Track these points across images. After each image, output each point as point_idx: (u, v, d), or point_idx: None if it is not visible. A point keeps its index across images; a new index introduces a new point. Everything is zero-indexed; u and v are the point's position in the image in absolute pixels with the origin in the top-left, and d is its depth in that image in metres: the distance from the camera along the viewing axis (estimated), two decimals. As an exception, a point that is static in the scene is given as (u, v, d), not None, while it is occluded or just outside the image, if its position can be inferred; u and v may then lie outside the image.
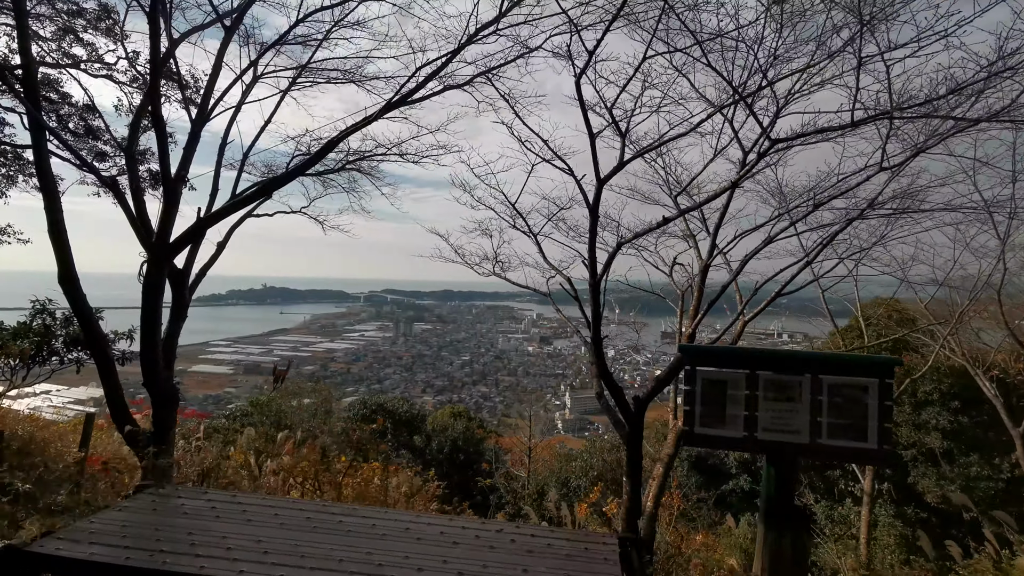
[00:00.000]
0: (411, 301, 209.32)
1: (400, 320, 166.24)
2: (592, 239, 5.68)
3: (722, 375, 2.88)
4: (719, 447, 4.12)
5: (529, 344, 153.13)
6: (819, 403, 2.73)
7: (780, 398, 2.79)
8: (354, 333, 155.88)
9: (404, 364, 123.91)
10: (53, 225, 5.89)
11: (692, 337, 6.53)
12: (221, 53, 6.90)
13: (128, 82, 9.69)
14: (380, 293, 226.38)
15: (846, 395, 2.69)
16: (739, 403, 2.83)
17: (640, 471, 6.07)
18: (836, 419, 2.71)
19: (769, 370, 2.81)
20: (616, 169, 5.57)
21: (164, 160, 6.03)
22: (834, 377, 2.75)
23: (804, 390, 2.77)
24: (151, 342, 6.08)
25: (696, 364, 2.94)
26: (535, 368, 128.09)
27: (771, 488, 2.91)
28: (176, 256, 6.27)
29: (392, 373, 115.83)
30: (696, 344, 4.05)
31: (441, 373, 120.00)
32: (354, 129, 6.14)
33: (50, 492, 4.48)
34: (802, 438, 2.76)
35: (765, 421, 2.80)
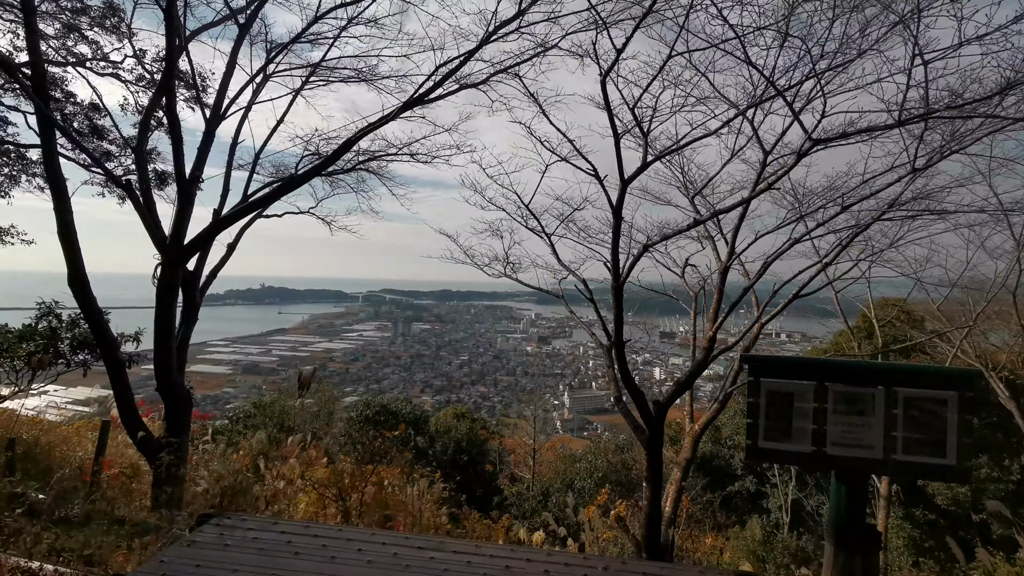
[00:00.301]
0: (409, 301, 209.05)
1: (398, 320, 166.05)
2: (615, 241, 5.58)
3: (788, 386, 2.77)
4: (784, 462, 4.02)
5: (528, 344, 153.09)
6: (894, 417, 2.63)
7: (851, 411, 2.68)
8: (352, 333, 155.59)
9: (402, 364, 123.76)
10: (63, 226, 5.76)
11: (713, 340, 6.43)
12: (235, 51, 6.78)
13: (134, 81, 9.56)
14: (378, 293, 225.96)
15: (923, 408, 2.58)
16: (807, 416, 2.72)
17: (661, 475, 5.98)
18: (912, 434, 2.60)
19: (840, 382, 2.71)
20: (640, 169, 5.46)
21: (179, 160, 5.91)
22: (910, 390, 2.65)
23: (877, 403, 2.67)
24: (165, 345, 5.95)
25: (760, 375, 2.83)
26: (534, 368, 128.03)
27: (841, 506, 2.80)
28: (191, 258, 6.15)
29: (390, 373, 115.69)
30: (760, 354, 3.93)
31: (440, 373, 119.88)
32: (372, 128, 6.03)
33: (64, 501, 4.35)
34: (875, 453, 2.66)
35: (835, 435, 2.70)
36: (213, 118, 6.72)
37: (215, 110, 6.79)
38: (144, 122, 6.94)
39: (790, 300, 7.27)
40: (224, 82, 6.89)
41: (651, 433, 5.91)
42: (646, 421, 5.91)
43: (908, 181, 6.26)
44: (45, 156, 5.80)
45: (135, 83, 9.56)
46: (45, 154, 5.79)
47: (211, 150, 9.88)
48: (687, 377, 6.19)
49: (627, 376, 5.83)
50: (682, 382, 6.18)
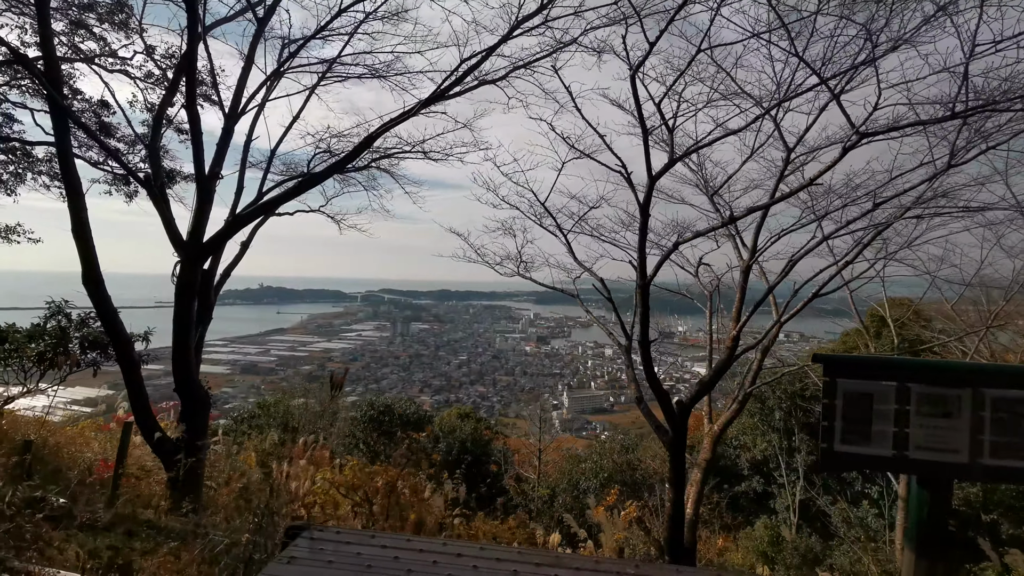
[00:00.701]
0: (408, 301, 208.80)
1: (397, 320, 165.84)
2: (642, 239, 5.49)
3: (867, 387, 2.66)
4: (863, 467, 3.91)
5: (527, 344, 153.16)
6: (981, 419, 2.53)
7: (935, 413, 2.58)
8: (351, 333, 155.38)
9: (401, 364, 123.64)
10: (77, 224, 5.65)
11: (736, 340, 6.34)
12: (253, 45, 6.66)
13: (143, 77, 9.45)
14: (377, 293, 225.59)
15: (1013, 411, 2.49)
16: (887, 419, 2.61)
17: (684, 477, 5.89)
18: (1001, 437, 2.50)
19: (923, 383, 2.60)
20: (668, 166, 5.38)
21: (198, 155, 5.79)
22: (999, 391, 2.55)
23: (964, 405, 2.57)
24: (184, 345, 5.84)
25: (836, 375, 2.73)
26: (532, 368, 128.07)
27: (923, 512, 2.69)
28: (210, 256, 6.04)
29: (389, 373, 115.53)
30: (839, 354, 3.84)
31: (439, 373, 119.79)
32: (393, 124, 5.93)
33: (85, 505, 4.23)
34: (961, 457, 2.55)
35: (918, 439, 2.59)
36: (231, 114, 6.60)
37: (233, 106, 6.68)
38: (158, 118, 6.82)
39: (809, 300, 7.19)
40: (242, 77, 6.78)
41: (674, 434, 5.82)
42: (670, 422, 5.83)
43: (936, 178, 6.18)
44: (60, 153, 5.68)
45: (143, 80, 9.45)
46: (60, 150, 5.67)
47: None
48: (711, 377, 6.11)
49: (652, 376, 5.74)
50: (706, 382, 6.10)
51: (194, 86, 5.68)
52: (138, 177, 5.78)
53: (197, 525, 3.99)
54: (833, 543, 15.26)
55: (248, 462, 9.66)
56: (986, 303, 10.89)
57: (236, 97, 6.67)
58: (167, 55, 9.23)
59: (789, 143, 6.22)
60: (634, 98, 4.98)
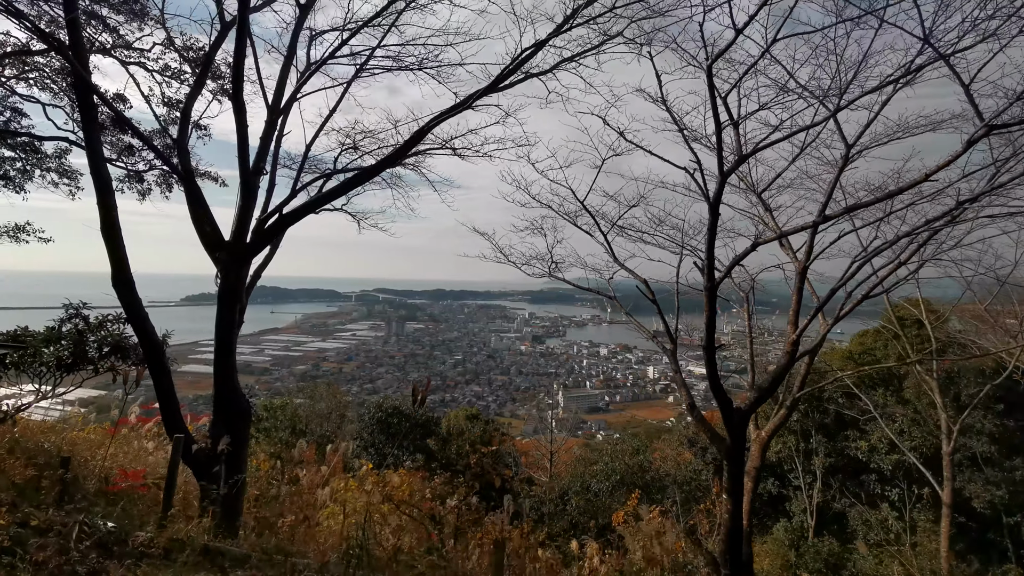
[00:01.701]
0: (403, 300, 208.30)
1: (392, 319, 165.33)
2: (711, 238, 5.23)
3: None
4: None
5: (522, 343, 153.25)
6: None
7: None
8: (346, 332, 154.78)
9: (396, 363, 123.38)
10: (107, 222, 5.31)
11: (796, 344, 6.08)
12: (295, 34, 6.33)
13: (160, 70, 9.10)
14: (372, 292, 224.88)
15: None
16: None
17: (742, 487, 5.65)
18: None
19: None
20: (739, 162, 5.13)
21: (243, 149, 5.45)
22: None
23: None
24: (227, 351, 5.52)
25: None
26: (528, 367, 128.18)
27: None
28: (256, 256, 5.72)
29: (384, 372, 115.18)
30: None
31: (434, 372, 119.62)
32: (444, 116, 5.63)
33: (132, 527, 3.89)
34: None
35: None
36: (274, 106, 6.26)
37: (276, 98, 6.33)
38: (185, 111, 6.48)
39: (860, 300, 6.95)
40: (284, 67, 6.43)
41: (733, 442, 5.57)
42: (728, 429, 5.58)
43: (992, 175, 5.94)
44: (88, 145, 5.34)
45: (160, 73, 9.10)
46: (88, 144, 5.34)
47: (223, 150, 9.37)
48: (770, 383, 5.86)
49: (716, 383, 5.48)
50: (764, 388, 5.85)
51: (241, 74, 5.34)
52: (179, 172, 5.43)
53: (269, 552, 3.66)
54: (852, 546, 15.12)
55: (262, 466, 9.32)
56: (1016, 303, 10.73)
57: (279, 89, 6.33)
58: (186, 47, 8.88)
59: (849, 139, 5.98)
60: (710, 90, 4.72)
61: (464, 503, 6.38)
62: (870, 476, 15.35)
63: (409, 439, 20.54)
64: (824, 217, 4.31)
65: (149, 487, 7.14)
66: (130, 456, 9.85)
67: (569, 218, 8.72)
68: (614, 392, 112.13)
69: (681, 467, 19.66)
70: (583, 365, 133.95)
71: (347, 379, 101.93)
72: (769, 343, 24.72)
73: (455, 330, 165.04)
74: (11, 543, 3.09)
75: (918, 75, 4.87)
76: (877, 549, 14.35)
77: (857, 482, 15.77)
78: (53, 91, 9.74)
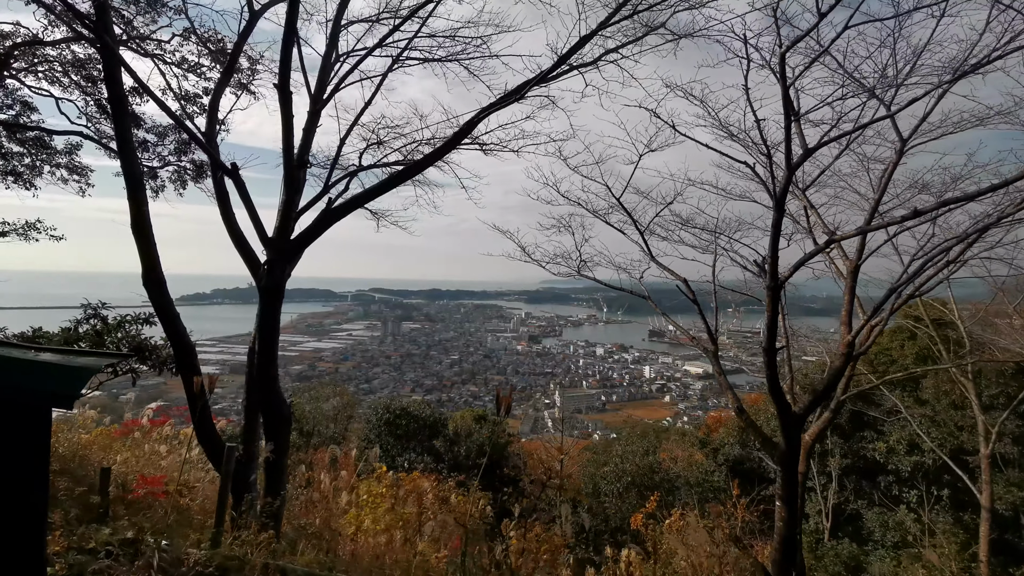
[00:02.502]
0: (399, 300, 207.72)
1: (388, 319, 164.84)
2: (775, 236, 5.02)
3: None
4: None
5: (518, 343, 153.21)
6: None
7: None
8: (341, 332, 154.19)
9: (392, 363, 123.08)
10: (137, 218, 5.05)
11: (851, 347, 5.87)
12: (337, 20, 6.07)
13: (177, 63, 8.82)
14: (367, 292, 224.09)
15: None
16: None
17: (797, 493, 5.44)
18: None
19: None
20: (807, 155, 4.91)
21: (288, 142, 5.17)
22: None
23: None
24: (270, 356, 5.25)
25: None
26: (524, 367, 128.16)
27: None
28: (300, 254, 5.46)
29: (380, 372, 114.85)
30: None
31: (430, 372, 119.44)
32: (491, 109, 5.40)
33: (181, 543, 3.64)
34: None
35: None
36: (317, 97, 5.99)
37: (319, 88, 6.05)
38: (213, 103, 6.22)
39: (905, 300, 6.77)
40: (327, 56, 6.15)
41: (788, 447, 5.37)
42: (784, 434, 5.37)
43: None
44: (119, 136, 5.07)
45: (177, 66, 8.82)
46: (119, 135, 5.06)
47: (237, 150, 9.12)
48: (825, 385, 5.66)
49: (776, 386, 5.27)
50: (820, 391, 5.64)
51: (289, 63, 5.07)
52: (225, 167, 5.13)
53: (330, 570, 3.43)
54: (868, 547, 14.97)
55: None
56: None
57: (321, 79, 6.06)
58: (205, 38, 8.61)
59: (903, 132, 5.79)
60: (781, 78, 4.49)
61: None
62: (887, 477, 15.20)
63: (416, 440, 20.35)
64: (915, 212, 4.10)
65: (169, 494, 6.87)
66: (142, 460, 9.57)
67: (600, 215, 8.52)
68: (610, 392, 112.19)
69: (693, 468, 19.48)
70: (579, 365, 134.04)
71: (343, 379, 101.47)
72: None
73: (451, 330, 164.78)
74: (68, 572, 2.85)
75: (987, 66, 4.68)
76: (895, 551, 14.21)
77: (872, 483, 15.63)
78: (63, 84, 9.45)
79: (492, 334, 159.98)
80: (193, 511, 6.50)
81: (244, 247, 5.92)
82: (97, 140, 8.80)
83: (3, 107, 9.12)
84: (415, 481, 10.41)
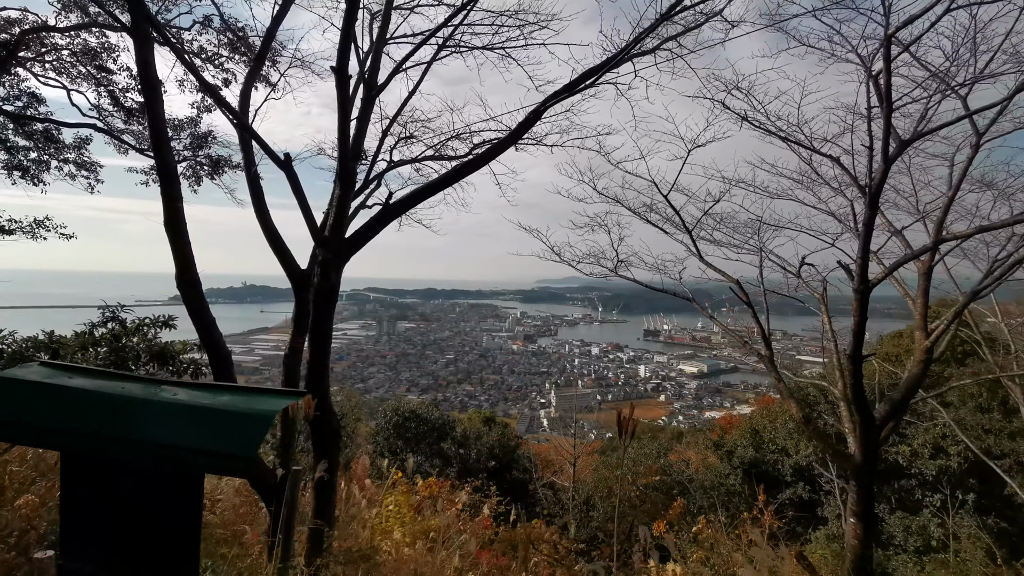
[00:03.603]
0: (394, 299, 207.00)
1: (383, 319, 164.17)
2: (867, 235, 4.68)
3: None
4: None
5: (513, 342, 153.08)
6: None
7: None
8: (336, 332, 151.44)
9: (388, 363, 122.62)
10: (171, 215, 4.64)
11: (930, 351, 5.54)
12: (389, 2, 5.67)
13: (195, 52, 8.40)
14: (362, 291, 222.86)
15: None
16: None
17: (872, 508, 5.12)
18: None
19: None
20: (903, 147, 4.58)
21: (344, 130, 4.74)
22: None
23: None
24: (323, 364, 4.86)
25: None
26: (520, 367, 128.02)
27: None
28: (355, 252, 5.05)
29: (376, 372, 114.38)
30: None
31: (426, 372, 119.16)
32: (555, 99, 5.03)
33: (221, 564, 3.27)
34: None
35: None
36: (370, 82, 5.56)
37: (372, 74, 5.63)
38: (245, 92, 5.83)
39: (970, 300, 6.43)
40: (380, 38, 5.71)
41: (864, 460, 5.05)
42: (863, 446, 5.05)
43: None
44: (152, 126, 4.64)
45: (196, 55, 8.40)
46: (151, 123, 4.63)
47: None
48: (903, 394, 5.33)
49: (860, 394, 4.94)
50: (898, 400, 5.31)
51: (349, 44, 4.64)
52: (278, 158, 4.70)
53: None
54: (889, 552, 14.73)
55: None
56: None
57: (374, 66, 5.63)
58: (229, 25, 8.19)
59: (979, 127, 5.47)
60: (885, 63, 4.14)
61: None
62: (910, 481, 14.97)
63: (425, 442, 20.00)
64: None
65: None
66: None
67: (640, 213, 8.20)
68: (606, 391, 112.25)
69: (708, 471, 19.23)
70: (575, 364, 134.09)
71: (338, 378, 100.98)
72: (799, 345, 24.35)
73: (447, 329, 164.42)
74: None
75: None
76: (918, 556, 13.98)
77: (893, 487, 15.40)
78: (71, 76, 9.01)
79: (487, 333, 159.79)
80: (214, 524, 6.10)
81: (280, 246, 5.54)
82: (110, 133, 8.38)
83: (10, 98, 8.67)
84: (431, 487, 10.07)
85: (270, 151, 4.63)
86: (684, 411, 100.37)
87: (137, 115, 8.53)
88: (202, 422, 1.68)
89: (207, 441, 1.61)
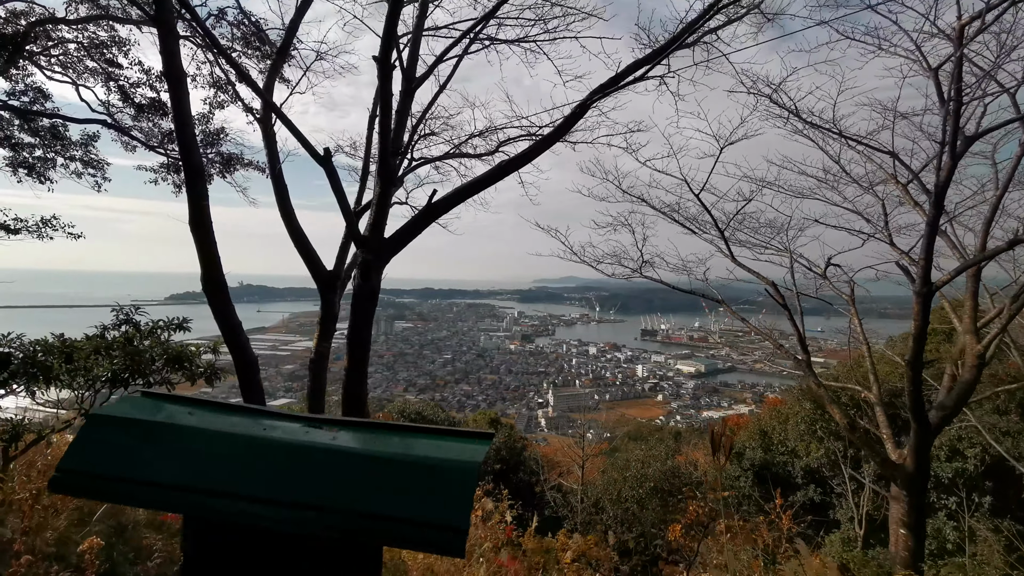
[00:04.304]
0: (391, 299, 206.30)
1: (380, 318, 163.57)
2: (932, 235, 4.48)
3: None
4: None
5: (511, 342, 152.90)
6: None
7: None
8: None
9: (385, 363, 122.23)
10: (197, 214, 4.41)
11: (983, 356, 5.35)
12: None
13: (207, 46, 8.15)
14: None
15: None
16: None
17: (924, 519, 4.94)
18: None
19: None
20: (969, 142, 4.38)
21: (385, 124, 4.50)
22: None
23: None
24: (361, 370, 4.62)
25: None
26: (517, 366, 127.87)
27: None
28: (397, 253, 4.80)
29: (373, 372, 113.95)
30: None
31: (423, 371, 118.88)
32: (601, 92, 4.82)
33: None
34: None
35: None
36: (409, 74, 5.33)
37: (410, 66, 5.39)
38: (268, 86, 5.60)
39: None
40: (417, 27, 5.48)
41: (917, 469, 4.86)
42: (915, 455, 4.86)
43: None
44: (176, 120, 4.42)
45: (208, 49, 8.16)
46: (176, 117, 4.40)
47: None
48: (956, 401, 5.15)
49: (919, 402, 4.75)
50: (951, 407, 5.14)
51: (394, 33, 4.40)
52: (318, 155, 4.47)
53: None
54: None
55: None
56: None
57: (412, 57, 5.39)
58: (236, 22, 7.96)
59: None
60: (956, 47, 3.93)
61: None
62: (924, 483, 14.82)
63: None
64: None
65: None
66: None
67: (666, 213, 8.01)
68: (603, 391, 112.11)
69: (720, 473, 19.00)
70: (572, 364, 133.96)
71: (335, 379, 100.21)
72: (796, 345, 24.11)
73: (444, 329, 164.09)
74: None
75: None
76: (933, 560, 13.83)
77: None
78: (78, 71, 8.75)
79: (485, 333, 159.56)
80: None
81: (306, 246, 5.32)
82: (120, 129, 8.13)
83: (16, 93, 8.41)
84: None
85: (310, 147, 4.40)
86: (682, 411, 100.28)
87: (147, 111, 8.28)
88: (386, 477, 1.26)
89: (400, 505, 1.20)
